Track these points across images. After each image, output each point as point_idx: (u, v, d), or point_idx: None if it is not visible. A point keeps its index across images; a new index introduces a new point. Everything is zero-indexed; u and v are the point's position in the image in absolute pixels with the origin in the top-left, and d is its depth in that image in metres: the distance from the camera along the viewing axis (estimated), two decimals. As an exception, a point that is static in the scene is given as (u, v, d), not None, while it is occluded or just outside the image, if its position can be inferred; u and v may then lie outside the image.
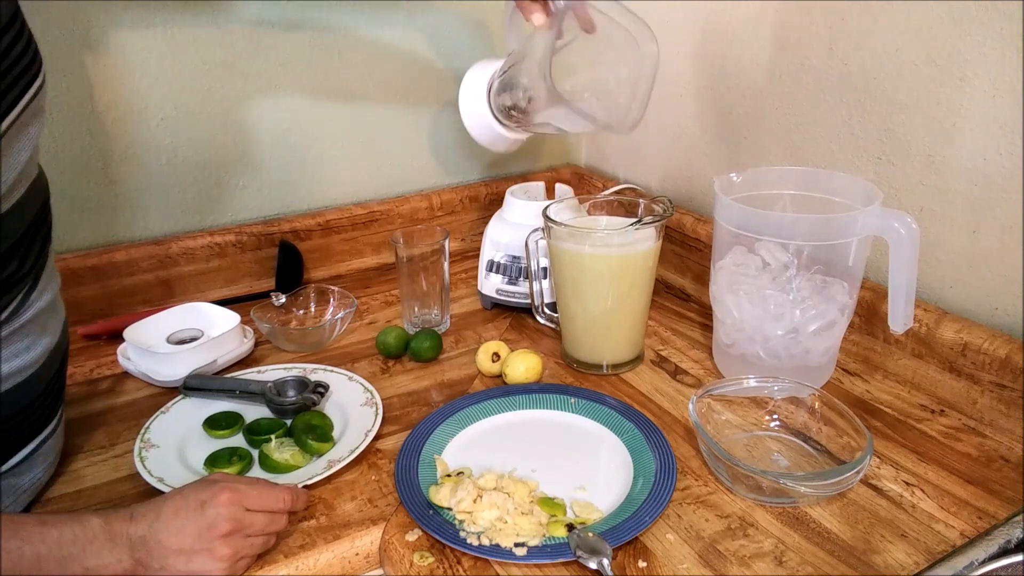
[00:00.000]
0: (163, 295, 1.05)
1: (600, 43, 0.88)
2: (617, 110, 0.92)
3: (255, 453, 0.75)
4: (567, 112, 0.87)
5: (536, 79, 0.89)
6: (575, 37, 0.88)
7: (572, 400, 0.81)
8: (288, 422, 0.79)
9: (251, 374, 0.88)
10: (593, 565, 0.59)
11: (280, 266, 1.09)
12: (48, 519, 0.56)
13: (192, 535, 0.58)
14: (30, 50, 0.59)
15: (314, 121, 1.12)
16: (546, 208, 0.87)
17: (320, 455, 0.74)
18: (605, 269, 0.85)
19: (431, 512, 0.66)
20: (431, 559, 0.62)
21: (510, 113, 0.94)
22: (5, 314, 0.60)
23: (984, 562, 0.57)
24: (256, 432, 0.77)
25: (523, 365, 0.85)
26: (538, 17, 0.83)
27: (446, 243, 0.96)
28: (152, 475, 0.70)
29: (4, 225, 0.58)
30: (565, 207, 0.91)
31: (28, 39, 0.59)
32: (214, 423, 0.79)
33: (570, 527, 0.63)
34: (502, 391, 0.83)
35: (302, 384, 0.83)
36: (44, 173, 0.66)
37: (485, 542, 0.62)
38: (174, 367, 0.86)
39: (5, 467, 0.64)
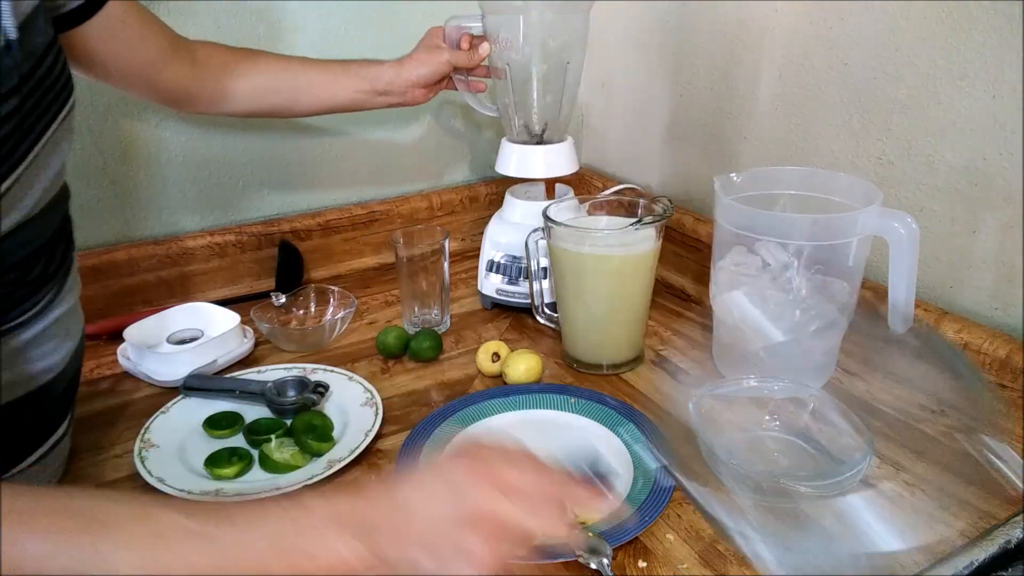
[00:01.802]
0: (163, 295, 1.05)
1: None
2: None
3: (255, 453, 0.75)
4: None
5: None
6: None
7: (572, 400, 0.81)
8: (288, 422, 0.79)
9: (251, 374, 0.88)
10: (593, 565, 0.59)
11: (280, 266, 1.09)
12: (249, 502, 0.47)
13: (441, 524, 0.46)
14: (65, 72, 0.63)
15: (314, 121, 1.12)
16: (546, 208, 0.87)
17: (320, 455, 0.74)
18: (605, 269, 0.84)
19: (431, 512, 0.66)
20: (431, 559, 0.62)
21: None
22: (31, 313, 0.62)
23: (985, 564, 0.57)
24: (256, 432, 0.77)
25: (523, 365, 0.85)
26: (484, 47, 0.96)
27: (446, 243, 0.96)
28: (152, 475, 0.70)
29: (35, 226, 0.61)
30: (565, 207, 0.91)
31: (64, 62, 0.63)
32: (214, 423, 0.79)
33: (570, 527, 0.63)
34: (502, 391, 0.83)
35: (302, 384, 0.83)
36: (67, 184, 0.69)
37: (485, 542, 0.62)
38: (174, 367, 0.86)
39: (24, 464, 0.65)
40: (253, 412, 0.81)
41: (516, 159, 1.00)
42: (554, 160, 0.98)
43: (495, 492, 0.47)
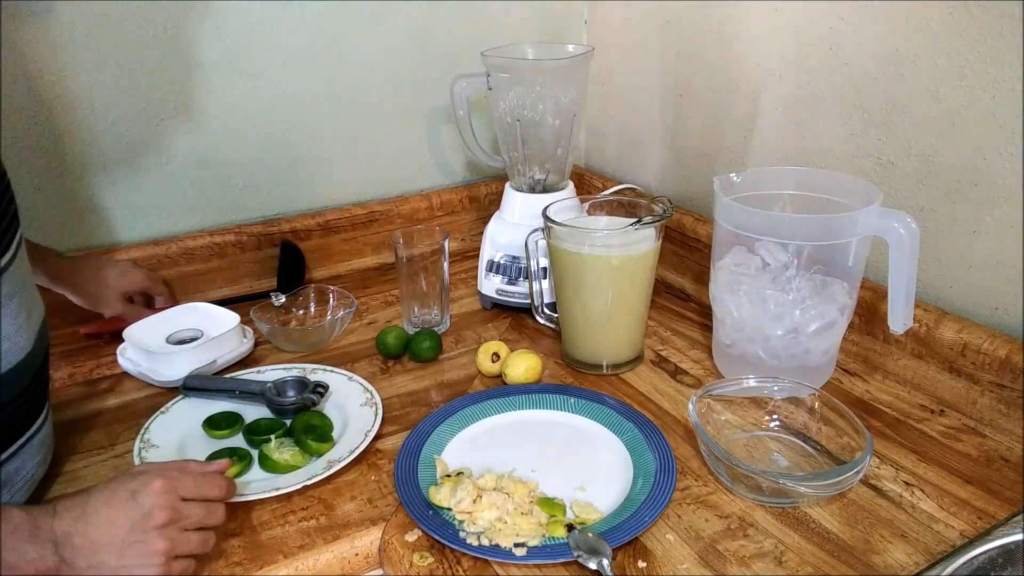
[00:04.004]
0: (163, 295, 1.05)
1: None
2: None
3: (255, 453, 0.75)
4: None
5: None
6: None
7: (572, 400, 0.81)
8: (288, 422, 0.79)
9: (251, 374, 0.88)
10: (593, 565, 0.59)
11: (282, 266, 1.09)
12: None
13: (123, 527, 0.54)
14: None
15: (314, 121, 1.12)
16: (546, 208, 0.87)
17: (320, 455, 0.74)
18: (605, 269, 0.84)
19: (431, 512, 0.66)
20: (431, 559, 0.62)
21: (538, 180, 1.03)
22: None
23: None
24: (256, 432, 0.77)
25: (523, 365, 0.85)
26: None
27: (446, 243, 0.96)
28: (152, 475, 0.70)
29: None
30: (565, 207, 0.91)
31: None
32: (214, 423, 0.79)
33: (570, 527, 0.63)
34: (502, 391, 0.83)
35: (302, 384, 0.83)
36: None
37: (485, 542, 0.62)
38: (174, 367, 0.86)
39: (4, 455, 0.64)
40: (253, 412, 0.81)
41: (520, 206, 1.03)
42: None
43: (170, 494, 0.57)
